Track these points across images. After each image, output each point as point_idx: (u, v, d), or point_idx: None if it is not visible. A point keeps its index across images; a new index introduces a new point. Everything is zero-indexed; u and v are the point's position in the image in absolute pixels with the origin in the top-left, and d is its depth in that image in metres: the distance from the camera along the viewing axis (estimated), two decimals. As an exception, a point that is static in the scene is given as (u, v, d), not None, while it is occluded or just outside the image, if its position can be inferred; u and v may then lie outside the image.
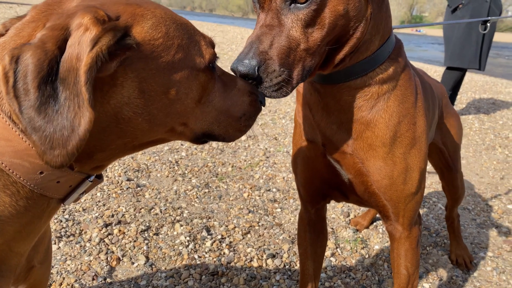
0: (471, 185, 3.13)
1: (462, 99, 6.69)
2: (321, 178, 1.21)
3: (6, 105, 0.60)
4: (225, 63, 7.68)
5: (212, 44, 0.78)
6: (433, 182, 3.03)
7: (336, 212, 2.42)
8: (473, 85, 8.44)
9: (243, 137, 3.61)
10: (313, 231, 1.34)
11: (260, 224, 2.21)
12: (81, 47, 0.57)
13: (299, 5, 0.85)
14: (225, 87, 0.81)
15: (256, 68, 0.82)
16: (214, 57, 0.76)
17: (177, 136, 0.77)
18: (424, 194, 2.85)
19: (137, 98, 0.65)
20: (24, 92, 0.54)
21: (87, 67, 0.55)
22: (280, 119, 4.35)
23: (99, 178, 0.74)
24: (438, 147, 1.62)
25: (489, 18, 1.78)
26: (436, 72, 9.25)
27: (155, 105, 0.68)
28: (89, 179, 0.70)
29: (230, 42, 11.61)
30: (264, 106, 0.90)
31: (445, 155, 1.65)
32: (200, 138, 0.81)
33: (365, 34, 0.95)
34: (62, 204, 0.71)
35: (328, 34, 0.88)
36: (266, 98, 0.91)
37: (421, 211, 2.58)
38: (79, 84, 0.56)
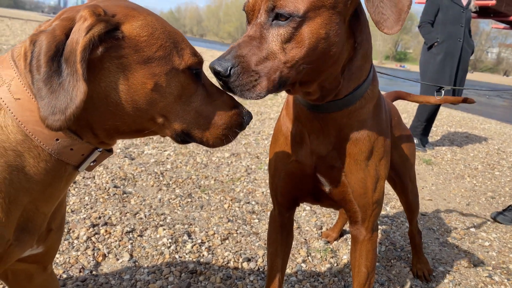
0: (438, 208, 3.34)
1: (438, 132, 7.01)
2: (303, 190, 1.34)
3: (26, 79, 0.76)
4: (213, 86, 7.90)
5: (198, 56, 0.91)
6: (402, 204, 3.23)
7: (310, 225, 2.59)
8: (451, 120, 8.81)
9: (227, 154, 3.79)
10: (283, 232, 1.49)
11: (238, 232, 2.36)
12: (80, 33, 0.73)
13: (280, 22, 0.93)
14: (209, 95, 0.94)
15: (229, 68, 0.90)
16: (196, 64, 0.90)
17: (160, 128, 0.90)
18: (392, 214, 3.05)
19: (122, 84, 0.81)
20: (36, 67, 0.71)
21: (82, 48, 0.72)
22: (263, 140, 4.55)
23: (110, 152, 0.90)
24: None
25: (443, 86, 2.01)
26: (416, 105, 9.62)
27: (137, 92, 0.82)
28: (98, 150, 0.86)
29: (219, 66, 11.90)
30: (247, 124, 0.99)
31: (393, 168, 1.84)
32: (180, 135, 0.92)
33: (354, 65, 1.06)
34: (77, 171, 0.87)
35: (308, 54, 0.94)
36: (249, 116, 0.98)
37: (388, 228, 2.77)
38: (76, 62, 0.72)
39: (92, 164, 0.89)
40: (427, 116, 5.36)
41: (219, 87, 0.98)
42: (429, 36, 5.18)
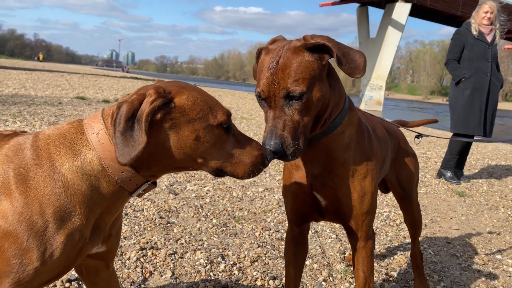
0: (465, 237, 3.44)
1: (477, 165, 6.98)
2: (305, 206, 1.64)
3: (109, 131, 1.14)
4: (252, 127, 8.36)
5: (227, 114, 1.25)
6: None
7: (334, 250, 2.82)
8: (495, 154, 8.67)
9: (261, 189, 4.11)
10: (296, 244, 1.77)
11: (267, 255, 2.64)
12: (146, 104, 1.10)
13: (294, 101, 1.30)
14: (238, 141, 1.26)
15: (280, 145, 1.28)
16: (226, 121, 1.23)
17: (200, 166, 1.23)
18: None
19: (173, 136, 1.16)
20: (118, 124, 1.08)
21: (147, 113, 1.08)
22: (297, 176, 4.83)
23: (155, 184, 1.25)
24: (392, 179, 2.05)
25: (422, 134, 2.26)
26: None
27: (184, 142, 1.17)
28: (147, 182, 1.22)
29: (259, 109, 12.44)
30: (269, 162, 1.31)
31: (400, 185, 2.08)
32: (215, 171, 1.25)
33: (334, 102, 1.43)
34: (130, 196, 1.22)
35: (315, 112, 1.35)
36: (272, 157, 1.32)
37: (408, 254, 2.93)
38: (142, 122, 1.08)
39: (141, 192, 1.24)
40: (460, 149, 5.44)
41: (248, 136, 1.34)
42: (456, 72, 5.37)
